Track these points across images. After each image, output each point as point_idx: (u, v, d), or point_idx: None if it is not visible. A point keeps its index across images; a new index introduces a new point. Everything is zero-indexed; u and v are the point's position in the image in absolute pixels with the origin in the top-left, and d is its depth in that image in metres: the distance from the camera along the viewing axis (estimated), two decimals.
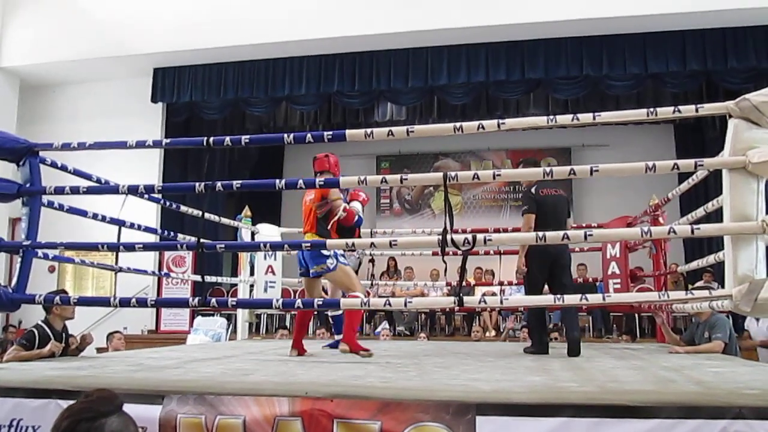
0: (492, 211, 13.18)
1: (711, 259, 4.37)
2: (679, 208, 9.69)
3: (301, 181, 3.53)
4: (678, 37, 9.19)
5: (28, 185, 3.88)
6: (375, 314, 9.82)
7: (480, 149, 13.25)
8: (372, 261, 7.26)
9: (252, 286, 6.84)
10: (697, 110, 3.03)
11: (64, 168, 4.28)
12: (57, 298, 3.89)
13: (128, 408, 1.69)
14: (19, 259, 3.82)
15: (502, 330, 9.35)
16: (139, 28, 10.21)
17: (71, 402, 1.64)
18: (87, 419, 1.52)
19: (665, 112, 3.12)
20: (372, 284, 7.73)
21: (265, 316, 9.98)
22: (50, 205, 4.27)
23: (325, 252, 4.25)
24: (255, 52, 10.13)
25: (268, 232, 6.96)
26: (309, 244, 3.97)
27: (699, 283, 8.67)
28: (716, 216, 3.60)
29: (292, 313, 10.11)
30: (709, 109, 3.07)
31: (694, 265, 5.19)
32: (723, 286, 2.89)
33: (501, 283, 7.56)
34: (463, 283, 5.70)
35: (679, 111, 3.05)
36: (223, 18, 9.90)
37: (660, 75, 9.61)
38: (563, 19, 8.96)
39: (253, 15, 9.85)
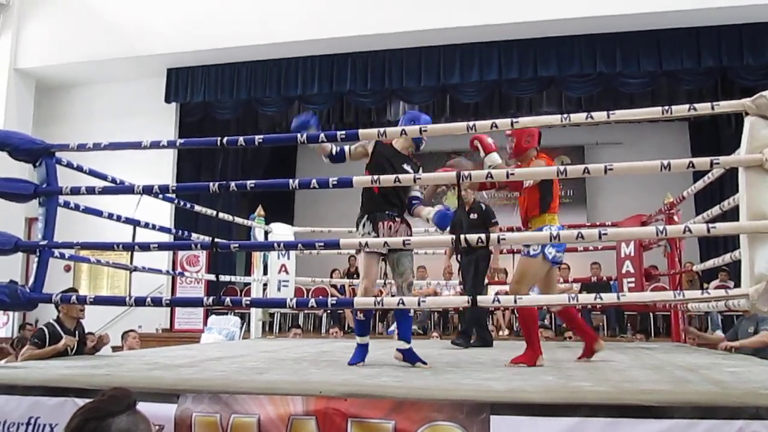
0: (505, 209, 13.12)
1: (727, 257, 4.34)
2: (693, 207, 9.61)
3: (314, 181, 3.54)
4: (693, 33, 9.11)
5: (44, 186, 3.91)
6: (388, 313, 9.81)
7: None
8: (385, 260, 7.24)
9: (265, 285, 6.87)
10: (713, 108, 3.00)
11: (79, 168, 4.32)
12: (73, 297, 3.93)
13: (144, 406, 1.70)
14: (36, 259, 3.86)
15: (515, 329, 9.32)
16: (152, 29, 10.29)
17: (87, 400, 1.65)
18: (96, 418, 1.53)
19: (681, 110, 3.09)
20: (385, 283, 7.73)
21: (279, 315, 10.01)
22: (66, 205, 4.31)
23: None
24: (268, 52, 10.16)
25: (281, 232, 6.98)
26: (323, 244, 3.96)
27: (714, 282, 8.60)
28: (732, 215, 3.57)
29: (305, 312, 10.15)
30: (725, 106, 3.04)
31: (710, 263, 5.15)
32: (739, 285, 2.87)
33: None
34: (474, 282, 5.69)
35: (695, 109, 3.02)
36: (235, 18, 9.94)
37: (674, 72, 9.53)
38: (576, 16, 8.91)
39: (265, 15, 9.88)
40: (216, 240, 3.69)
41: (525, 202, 4.04)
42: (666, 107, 3.10)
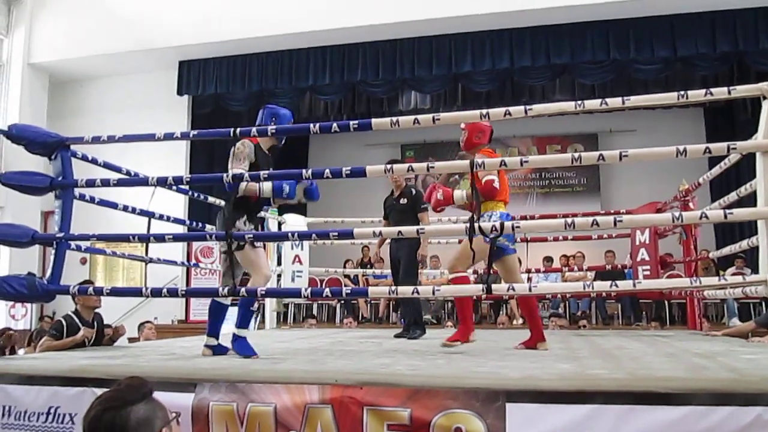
0: (518, 198, 13.09)
1: (744, 244, 4.30)
2: (709, 194, 9.53)
3: (327, 171, 3.54)
4: (708, 18, 8.98)
5: (60, 178, 3.95)
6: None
7: (505, 136, 13.15)
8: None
9: (279, 275, 6.90)
10: (729, 92, 2.97)
11: (94, 161, 4.35)
12: (90, 288, 3.97)
13: (161, 396, 1.72)
14: (53, 251, 3.90)
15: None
16: (163, 22, 10.31)
17: (106, 390, 1.67)
18: (114, 407, 1.55)
19: (697, 95, 3.06)
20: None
21: (293, 305, 10.06)
22: (81, 197, 4.34)
23: None
24: (279, 43, 10.16)
25: (294, 222, 7.00)
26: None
27: (731, 270, 8.53)
28: (748, 201, 3.54)
29: (320, 302, 10.19)
30: (742, 91, 3.01)
31: (726, 250, 5.11)
32: (756, 272, 2.84)
33: (528, 271, 7.51)
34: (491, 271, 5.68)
35: (711, 93, 3.00)
36: (246, 10, 9.93)
37: (689, 58, 9.40)
38: (589, 2, 8.82)
39: (276, 6, 9.87)
40: (230, 231, 3.71)
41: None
42: (682, 92, 3.07)
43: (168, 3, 10.33)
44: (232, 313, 3.90)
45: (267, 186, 3.78)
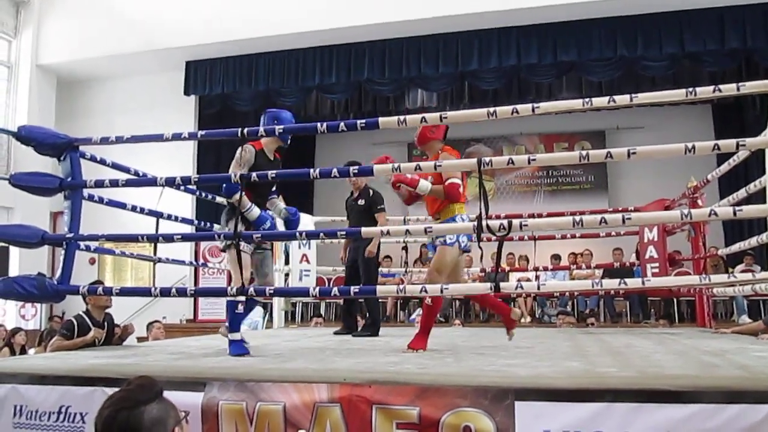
0: (525, 196, 13.07)
1: (753, 241, 4.28)
2: (718, 191, 9.48)
3: (335, 170, 3.55)
4: (716, 14, 8.92)
5: (69, 179, 3.97)
6: (410, 301, 9.83)
7: (512, 134, 13.12)
8: (405, 248, 7.29)
9: (287, 274, 6.91)
10: (738, 89, 2.95)
11: (102, 162, 4.37)
12: (100, 288, 3.99)
13: (171, 395, 1.73)
14: (63, 252, 3.92)
15: (537, 316, 9.29)
16: (170, 23, 10.34)
17: (116, 389, 1.68)
18: (127, 408, 1.55)
19: (705, 91, 3.05)
20: (406, 271, 7.76)
21: (301, 304, 10.08)
22: (90, 198, 4.36)
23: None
24: (285, 43, 10.17)
25: (302, 221, 7.00)
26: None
27: (740, 267, 8.49)
28: (757, 198, 3.53)
29: (327, 301, 10.20)
30: (751, 87, 2.99)
31: (736, 248, 5.09)
32: (765, 269, 2.83)
33: (536, 269, 7.51)
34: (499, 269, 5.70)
35: (720, 90, 2.98)
36: (252, 9, 9.95)
37: (697, 54, 9.35)
38: None
39: (282, 5, 9.88)
40: (238, 230, 3.72)
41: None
42: (690, 89, 3.06)
43: (175, 4, 10.37)
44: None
45: (254, 212, 3.94)
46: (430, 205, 4.15)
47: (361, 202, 5.71)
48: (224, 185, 3.83)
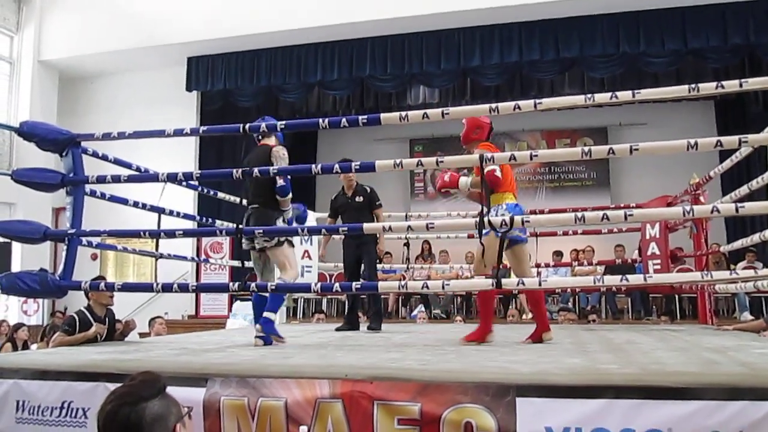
0: (527, 192, 13.04)
1: (755, 238, 4.27)
2: (720, 187, 9.46)
3: (337, 166, 3.55)
4: (719, 10, 8.90)
5: (71, 175, 3.98)
6: (411, 297, 9.84)
7: (514, 130, 13.10)
8: (407, 244, 7.29)
9: None
10: (741, 85, 2.95)
11: (104, 158, 4.38)
12: (102, 284, 4.00)
13: (173, 390, 1.73)
14: (65, 247, 3.93)
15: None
16: (172, 19, 10.35)
17: (119, 385, 1.68)
18: (129, 403, 1.55)
19: (708, 87, 3.04)
20: (408, 268, 7.76)
21: (302, 300, 10.09)
22: (92, 194, 4.36)
23: None
24: (287, 39, 10.17)
25: None
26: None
27: (742, 263, 8.48)
28: (760, 195, 3.52)
29: (329, 297, 10.21)
30: (754, 83, 2.99)
31: (738, 244, 5.08)
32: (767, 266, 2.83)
33: (538, 265, 7.50)
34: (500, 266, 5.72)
35: (723, 86, 2.97)
36: (254, 5, 9.95)
37: (700, 50, 9.32)
38: None
39: (283, 1, 9.88)
40: (240, 226, 3.73)
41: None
42: (693, 85, 3.05)
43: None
44: (240, 308, 4.04)
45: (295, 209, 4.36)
46: (477, 197, 4.13)
47: (358, 199, 5.71)
48: (280, 185, 3.98)
